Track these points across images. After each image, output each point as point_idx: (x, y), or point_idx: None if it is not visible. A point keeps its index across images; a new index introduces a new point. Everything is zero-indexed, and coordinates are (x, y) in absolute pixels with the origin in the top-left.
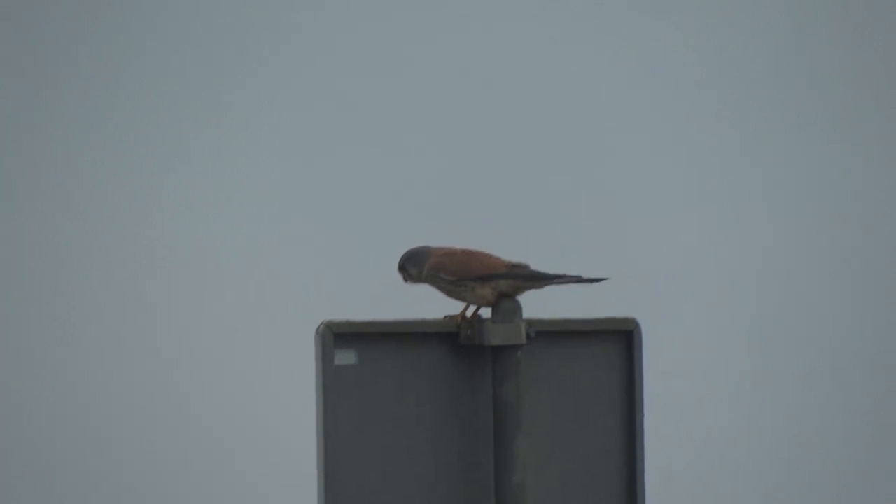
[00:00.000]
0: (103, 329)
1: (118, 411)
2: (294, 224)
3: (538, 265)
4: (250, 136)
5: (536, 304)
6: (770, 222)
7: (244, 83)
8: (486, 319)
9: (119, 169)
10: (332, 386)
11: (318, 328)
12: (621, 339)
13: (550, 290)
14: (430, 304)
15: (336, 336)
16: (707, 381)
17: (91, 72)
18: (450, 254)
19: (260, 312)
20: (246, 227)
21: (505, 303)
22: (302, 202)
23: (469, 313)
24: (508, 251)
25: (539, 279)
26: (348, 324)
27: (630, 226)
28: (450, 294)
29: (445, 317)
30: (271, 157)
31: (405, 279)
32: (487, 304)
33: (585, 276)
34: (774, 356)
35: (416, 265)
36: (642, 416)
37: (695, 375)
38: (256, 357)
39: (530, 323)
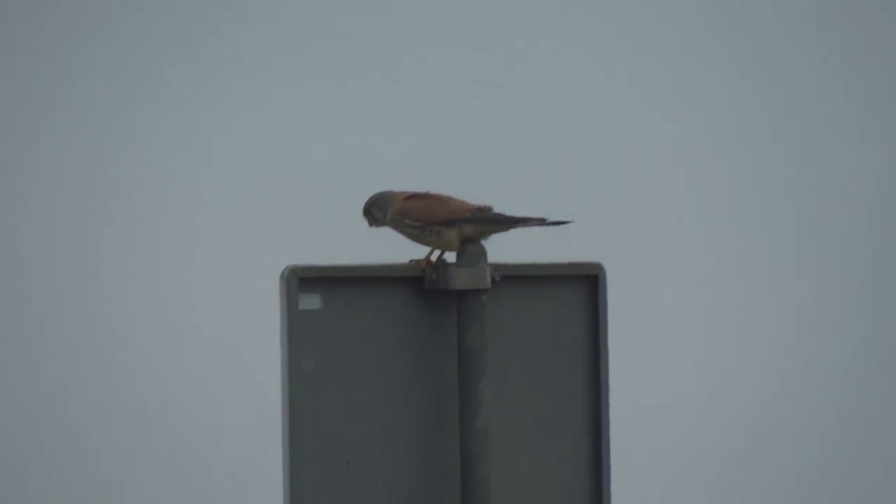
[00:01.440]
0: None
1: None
2: (258, 168)
3: (503, 208)
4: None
5: (502, 249)
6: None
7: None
8: (451, 264)
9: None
10: (296, 330)
11: (283, 272)
12: (586, 283)
13: (515, 234)
14: (395, 248)
15: (301, 280)
16: (672, 326)
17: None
18: (414, 198)
19: (224, 257)
20: (211, 172)
21: (469, 247)
22: (266, 146)
23: (434, 257)
24: (474, 193)
25: (503, 222)
26: (313, 268)
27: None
28: (414, 239)
29: (410, 261)
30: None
31: (370, 223)
32: (452, 249)
33: (550, 218)
34: (741, 302)
35: (380, 209)
36: (607, 360)
37: (660, 320)
38: (221, 301)
39: (495, 267)
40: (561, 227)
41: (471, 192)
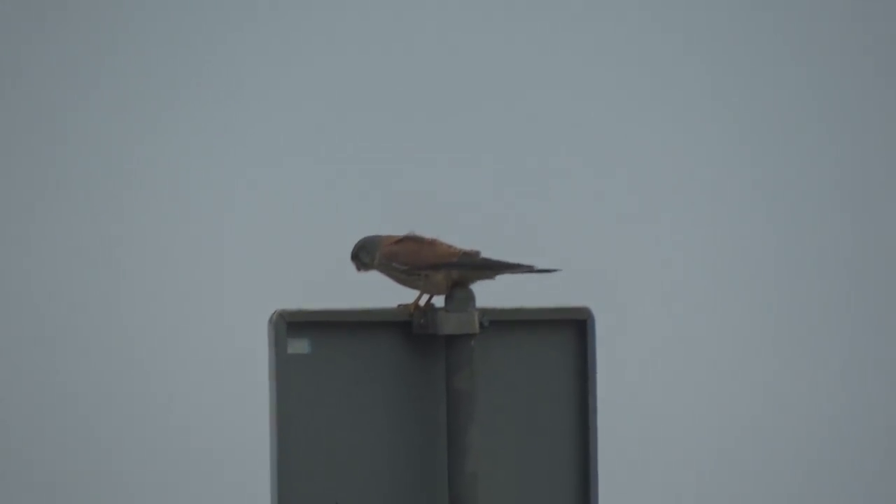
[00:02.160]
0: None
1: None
2: (248, 211)
3: (493, 254)
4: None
5: (490, 293)
6: (724, 213)
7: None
8: (440, 308)
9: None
10: (285, 374)
11: (272, 317)
12: (575, 328)
13: (504, 278)
14: (384, 293)
15: (289, 325)
16: (660, 371)
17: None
18: (402, 242)
19: (214, 301)
20: (200, 213)
21: (458, 292)
22: (256, 189)
23: (422, 302)
24: (463, 239)
25: (490, 268)
26: (301, 312)
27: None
28: (402, 282)
29: (399, 305)
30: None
31: (358, 268)
32: (440, 293)
33: (538, 265)
34: (727, 345)
35: (368, 253)
36: (595, 405)
37: (648, 365)
38: (210, 345)
39: (483, 312)
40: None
41: (459, 235)
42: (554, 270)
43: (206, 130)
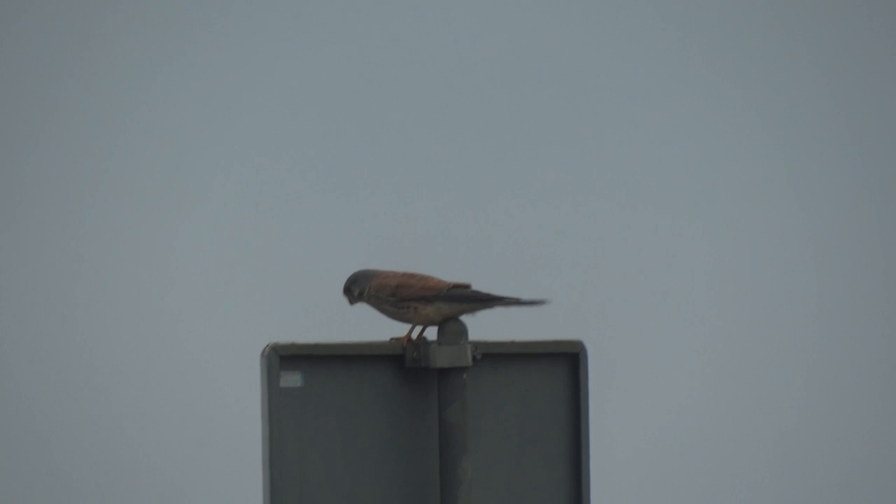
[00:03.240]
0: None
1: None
2: (240, 244)
3: (483, 286)
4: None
5: (483, 326)
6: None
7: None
8: (432, 342)
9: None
10: (277, 408)
11: (264, 350)
12: (567, 361)
13: (497, 311)
14: (377, 327)
15: (282, 358)
16: (653, 403)
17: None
18: (392, 276)
19: (205, 334)
20: (190, 246)
21: (450, 325)
22: (248, 221)
23: (415, 335)
24: (455, 275)
25: (478, 300)
26: (294, 346)
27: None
28: (392, 316)
29: (391, 339)
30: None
31: (350, 301)
32: (431, 324)
33: (525, 298)
34: (720, 377)
35: (359, 287)
36: (588, 438)
37: (642, 397)
38: (201, 378)
39: (476, 345)
40: (545, 302)
41: (452, 268)
42: (541, 302)
43: (200, 160)
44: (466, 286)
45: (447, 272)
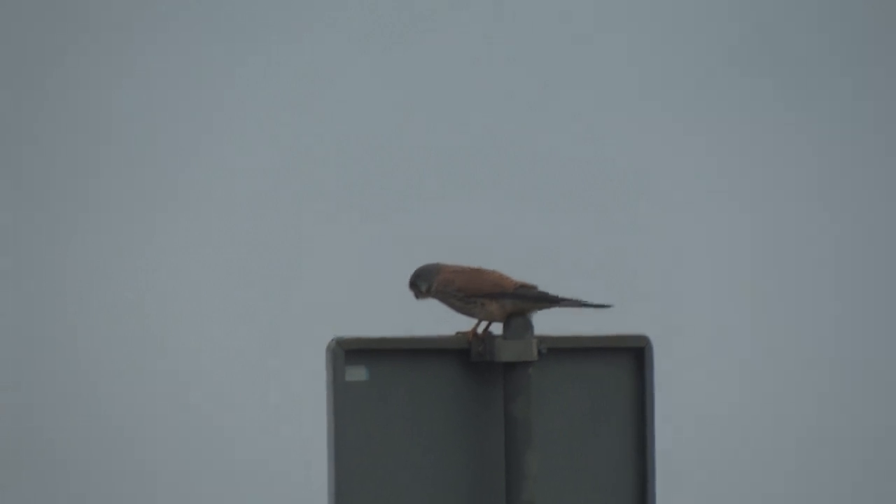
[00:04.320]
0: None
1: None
2: (307, 239)
3: (547, 286)
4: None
5: (548, 321)
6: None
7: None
8: (497, 336)
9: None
10: (342, 402)
11: (329, 344)
12: (632, 356)
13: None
14: (442, 321)
15: (347, 352)
16: (718, 399)
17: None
18: (460, 271)
19: (272, 328)
20: (258, 242)
21: (516, 319)
22: (314, 216)
23: (480, 329)
24: (517, 271)
25: (543, 300)
26: (359, 340)
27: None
28: (459, 310)
29: (457, 333)
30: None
31: (416, 295)
32: (497, 321)
33: (592, 300)
34: (786, 374)
35: (426, 281)
36: (653, 433)
37: (706, 393)
38: (268, 373)
39: (541, 340)
40: (610, 298)
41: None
42: (606, 306)
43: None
44: (533, 287)
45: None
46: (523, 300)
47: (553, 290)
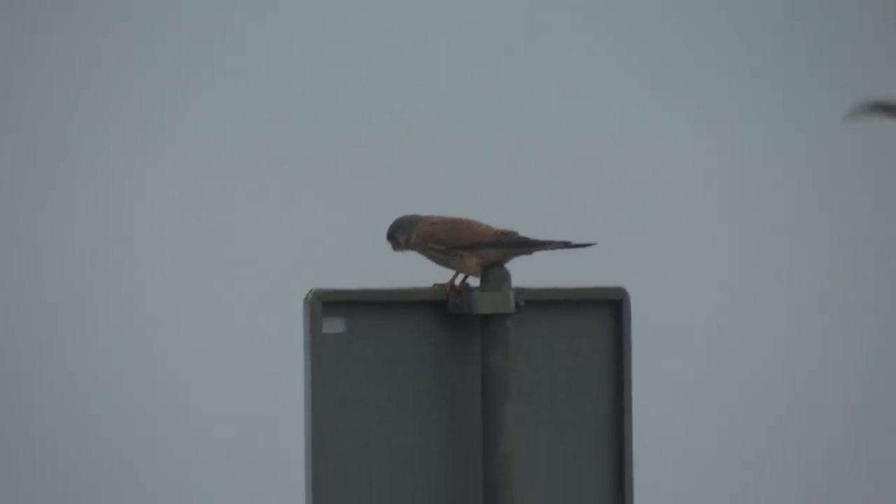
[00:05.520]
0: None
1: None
2: (282, 191)
3: (527, 232)
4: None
5: (525, 273)
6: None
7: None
8: (475, 288)
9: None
10: (320, 354)
11: (307, 296)
12: (611, 308)
13: (539, 258)
14: (419, 272)
15: (325, 304)
16: (695, 350)
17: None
18: (438, 222)
19: (248, 281)
20: (233, 194)
21: (494, 271)
22: (290, 169)
23: (458, 282)
24: (497, 221)
25: (527, 245)
26: (337, 292)
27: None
28: (439, 262)
29: (434, 285)
30: (255, 121)
31: (394, 247)
32: (475, 274)
33: (574, 241)
34: (764, 325)
35: (404, 233)
36: (630, 385)
37: (684, 344)
38: (245, 325)
39: (519, 291)
40: (586, 250)
41: (494, 215)
42: (590, 245)
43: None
44: (513, 233)
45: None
46: (505, 247)
47: (533, 235)
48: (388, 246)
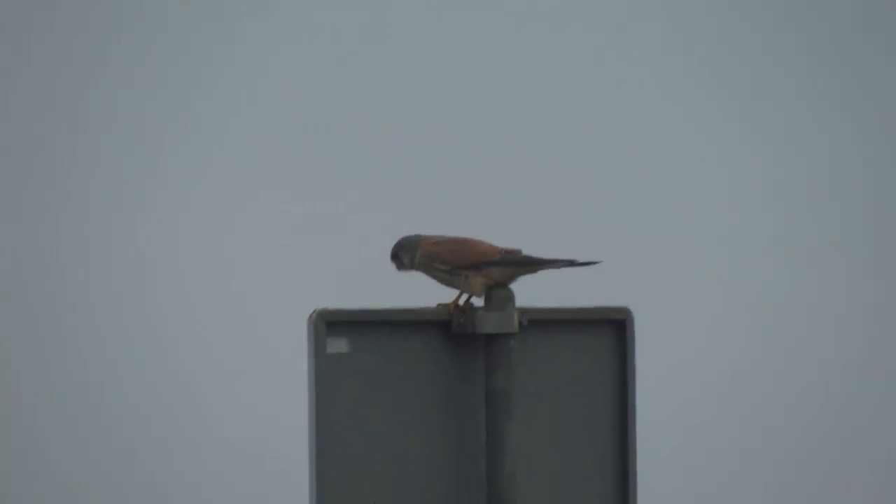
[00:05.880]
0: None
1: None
2: (287, 211)
3: (531, 251)
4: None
5: (529, 292)
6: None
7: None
8: (479, 308)
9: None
10: (324, 374)
11: (311, 316)
12: (614, 328)
13: (543, 278)
14: (423, 292)
15: (328, 324)
16: (700, 371)
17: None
18: (442, 242)
19: (253, 300)
20: (238, 214)
21: (497, 291)
22: (295, 189)
23: (461, 301)
24: (501, 239)
25: (531, 264)
26: (340, 312)
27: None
28: (443, 282)
29: (438, 305)
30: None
31: (398, 267)
32: (479, 294)
33: (579, 259)
34: (769, 348)
35: (408, 253)
36: (635, 405)
37: (688, 365)
38: (249, 345)
39: (523, 311)
40: (590, 270)
41: (498, 235)
42: (595, 263)
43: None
44: (517, 252)
45: (491, 236)
46: (510, 266)
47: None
48: (392, 266)
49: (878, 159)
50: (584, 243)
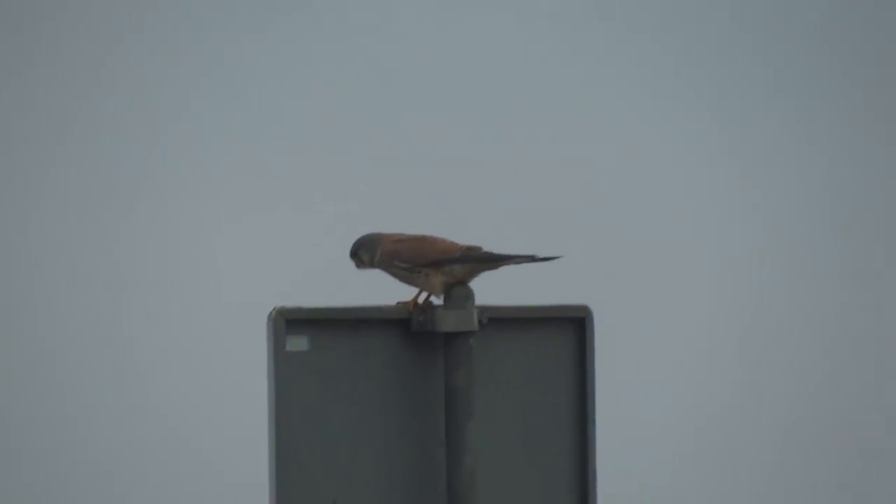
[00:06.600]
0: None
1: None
2: (246, 208)
3: (492, 248)
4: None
5: (489, 290)
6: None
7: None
8: (438, 306)
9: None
10: (284, 372)
11: (271, 314)
12: (573, 325)
13: (503, 276)
14: (383, 290)
15: (288, 322)
16: (660, 367)
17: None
18: (403, 240)
19: (212, 299)
20: (198, 212)
21: (457, 289)
22: (254, 187)
23: (421, 299)
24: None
25: (492, 260)
26: (300, 310)
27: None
28: (404, 280)
29: (397, 303)
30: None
31: (358, 265)
32: (439, 293)
33: (539, 255)
34: (729, 344)
35: (368, 251)
36: (593, 403)
37: (647, 361)
38: (208, 343)
39: (482, 309)
40: (549, 267)
41: (460, 233)
42: (555, 258)
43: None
44: (478, 248)
45: (449, 234)
46: (471, 263)
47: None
48: (352, 264)
49: (862, 165)
50: (584, 243)
